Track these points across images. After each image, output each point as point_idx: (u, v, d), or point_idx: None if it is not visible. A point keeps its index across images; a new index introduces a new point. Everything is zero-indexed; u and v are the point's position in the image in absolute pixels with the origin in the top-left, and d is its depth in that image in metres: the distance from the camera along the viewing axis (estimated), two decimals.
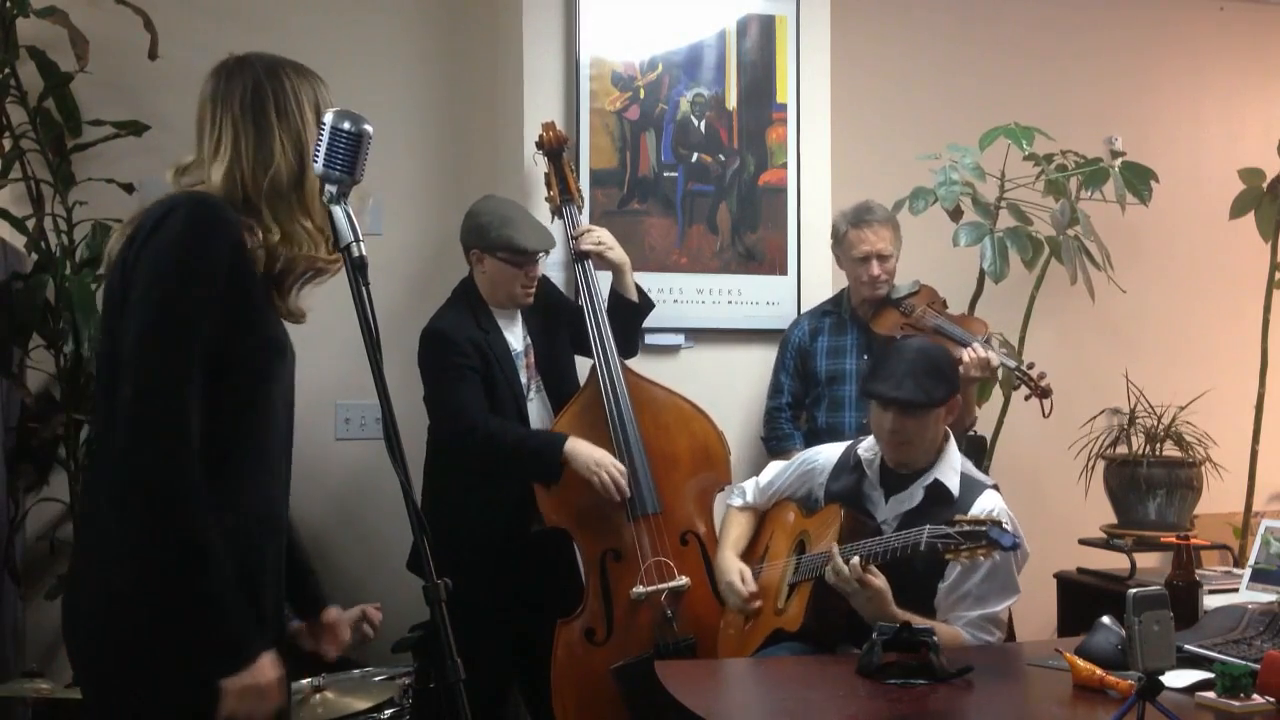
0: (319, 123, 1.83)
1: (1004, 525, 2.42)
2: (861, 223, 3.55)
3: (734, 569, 3.01)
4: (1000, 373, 3.44)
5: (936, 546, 2.47)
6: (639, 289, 3.52)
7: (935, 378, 2.82)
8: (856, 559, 2.58)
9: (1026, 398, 3.39)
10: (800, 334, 3.72)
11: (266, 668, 1.77)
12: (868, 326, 3.59)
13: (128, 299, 1.78)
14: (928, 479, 2.83)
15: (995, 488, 2.88)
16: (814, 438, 3.58)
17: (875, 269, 3.53)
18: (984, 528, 2.40)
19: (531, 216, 3.39)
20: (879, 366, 2.91)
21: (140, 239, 1.80)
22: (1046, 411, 3.34)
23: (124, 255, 1.82)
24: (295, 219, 1.89)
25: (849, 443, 3.05)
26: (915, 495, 2.83)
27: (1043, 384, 3.30)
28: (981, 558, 2.48)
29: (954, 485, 2.82)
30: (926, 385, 2.79)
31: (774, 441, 3.69)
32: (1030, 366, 3.37)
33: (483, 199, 3.40)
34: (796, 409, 3.72)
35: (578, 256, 3.46)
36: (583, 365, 3.51)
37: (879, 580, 2.59)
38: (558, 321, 3.47)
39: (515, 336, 3.36)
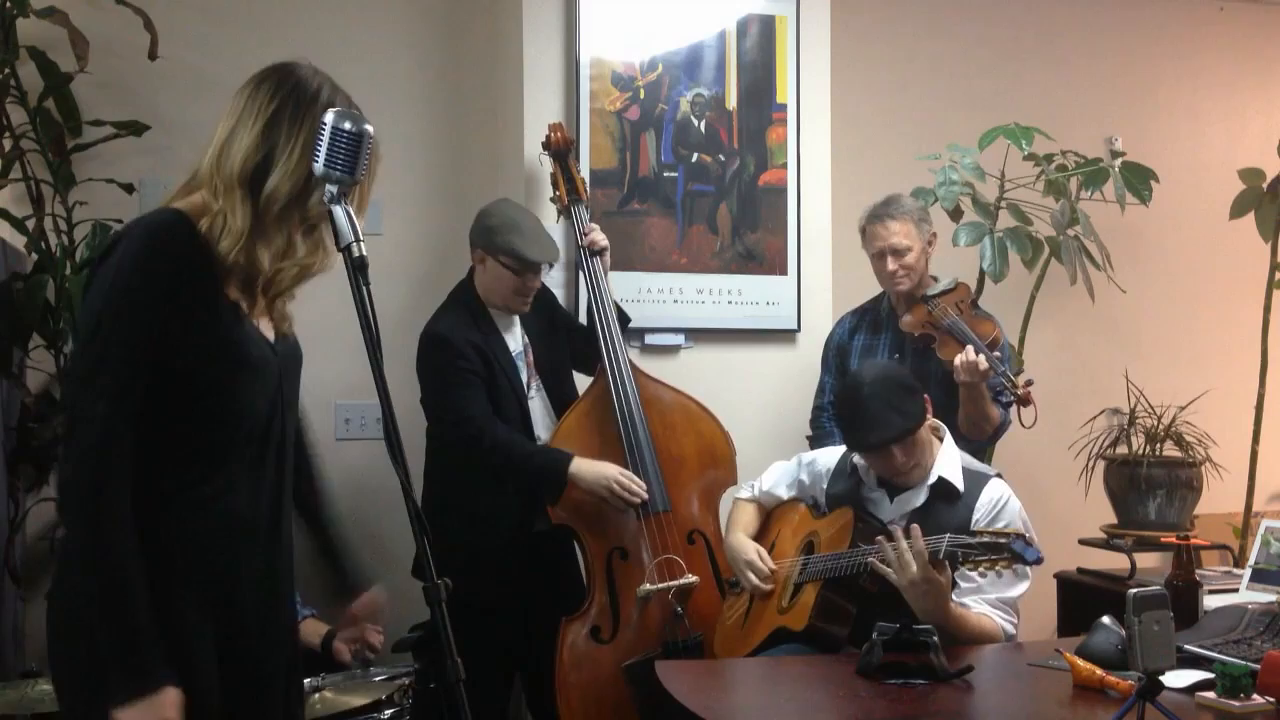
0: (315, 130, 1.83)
1: (1028, 539, 2.41)
2: (876, 218, 3.51)
3: (750, 548, 3.01)
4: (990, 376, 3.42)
5: (956, 555, 2.47)
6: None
7: (905, 396, 2.80)
8: (922, 544, 2.55)
9: (1008, 404, 3.36)
10: (841, 332, 3.71)
11: (163, 705, 1.72)
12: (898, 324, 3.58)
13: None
14: (930, 477, 2.83)
15: (999, 476, 2.89)
16: None
17: (890, 264, 3.48)
18: (1006, 540, 2.40)
19: (544, 229, 3.37)
20: (852, 418, 2.85)
21: (93, 268, 1.84)
22: (1027, 422, 3.27)
23: (85, 283, 1.86)
24: (235, 214, 1.85)
25: (844, 449, 3.06)
26: (920, 494, 2.83)
27: (1020, 392, 3.24)
28: (1001, 569, 2.48)
29: (958, 480, 2.83)
30: (904, 409, 2.77)
31: (816, 440, 3.66)
32: (1018, 373, 3.33)
33: (498, 201, 3.39)
34: None
35: (590, 254, 3.45)
36: (579, 378, 3.52)
37: (945, 575, 2.57)
38: (556, 330, 3.47)
39: (513, 337, 3.36)
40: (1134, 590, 1.96)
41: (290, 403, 2.00)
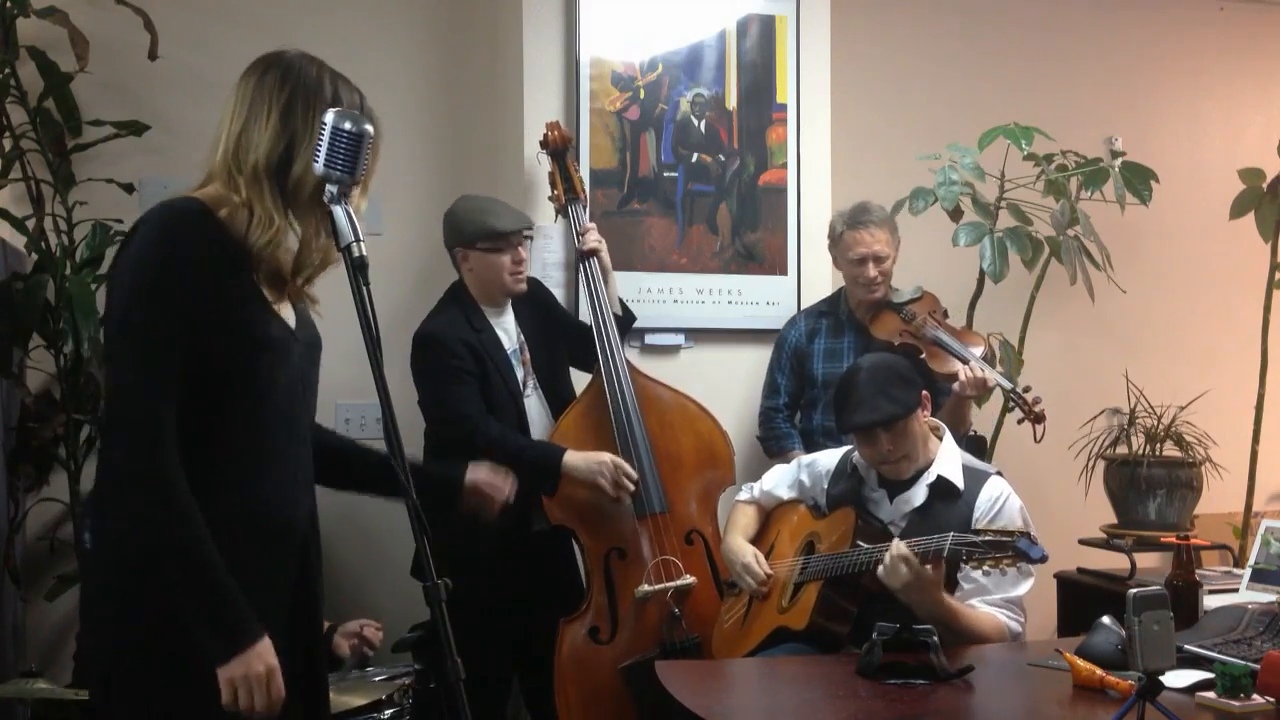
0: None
1: (1033, 536, 2.41)
2: (858, 224, 3.53)
3: (748, 551, 3.02)
4: (996, 390, 3.41)
5: (960, 554, 2.47)
6: (621, 302, 3.53)
7: (902, 386, 2.81)
8: (906, 549, 2.55)
9: (1020, 421, 3.34)
10: (797, 334, 3.71)
11: (264, 654, 1.77)
12: (865, 329, 3.58)
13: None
14: (930, 476, 2.83)
15: (999, 474, 2.89)
16: (808, 439, 3.58)
17: (871, 270, 3.52)
18: (1011, 538, 2.40)
19: (505, 203, 3.40)
20: (843, 399, 2.86)
21: (117, 256, 1.85)
22: (1038, 437, 3.28)
23: (109, 272, 1.87)
24: (265, 204, 1.87)
25: (847, 448, 3.06)
26: (919, 493, 2.83)
27: (1036, 409, 3.25)
28: (1006, 567, 2.48)
29: (957, 479, 2.83)
30: (897, 395, 2.78)
31: (772, 441, 3.68)
32: (1027, 390, 3.31)
33: (457, 200, 3.41)
34: (793, 409, 3.72)
35: (583, 255, 3.46)
36: (579, 373, 3.52)
37: (938, 570, 2.57)
38: (554, 327, 3.47)
39: (508, 335, 3.36)
40: (1134, 590, 1.96)
41: (312, 391, 2.02)
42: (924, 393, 2.87)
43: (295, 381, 1.95)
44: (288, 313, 1.97)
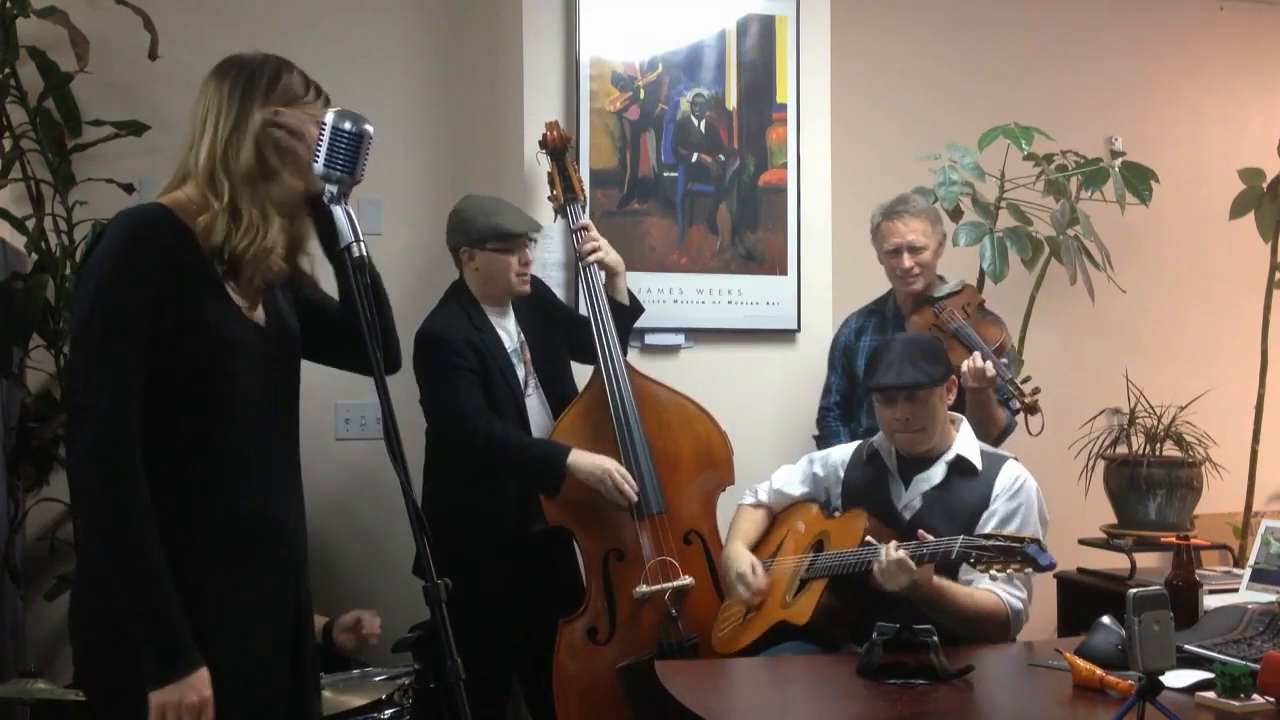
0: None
1: (1042, 543, 2.42)
2: (894, 214, 3.53)
3: (745, 560, 3.02)
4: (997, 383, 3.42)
5: (969, 557, 2.48)
6: (629, 293, 3.53)
7: (929, 359, 2.90)
8: (899, 549, 2.58)
9: (1015, 412, 3.35)
10: (847, 333, 3.72)
11: (199, 685, 1.75)
12: (905, 324, 3.58)
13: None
14: (949, 455, 2.87)
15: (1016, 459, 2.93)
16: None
17: (906, 261, 3.50)
18: (1020, 544, 2.41)
19: (512, 204, 3.41)
20: (874, 365, 2.96)
21: (81, 263, 1.85)
22: (1034, 430, 3.29)
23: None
24: (263, 207, 1.87)
25: (858, 442, 3.10)
26: (937, 473, 2.87)
27: (1028, 400, 3.26)
28: (1013, 573, 2.49)
29: (975, 459, 2.87)
30: (924, 367, 2.86)
31: (822, 440, 3.66)
32: (1025, 381, 3.32)
33: (463, 199, 3.41)
34: (846, 407, 3.71)
35: (581, 257, 3.46)
36: (580, 371, 3.51)
37: (925, 570, 2.61)
38: (555, 325, 3.47)
39: (509, 335, 3.35)
40: (1134, 590, 1.96)
41: (291, 389, 2.00)
42: (952, 376, 2.93)
43: (269, 382, 1.94)
44: (257, 313, 1.95)
